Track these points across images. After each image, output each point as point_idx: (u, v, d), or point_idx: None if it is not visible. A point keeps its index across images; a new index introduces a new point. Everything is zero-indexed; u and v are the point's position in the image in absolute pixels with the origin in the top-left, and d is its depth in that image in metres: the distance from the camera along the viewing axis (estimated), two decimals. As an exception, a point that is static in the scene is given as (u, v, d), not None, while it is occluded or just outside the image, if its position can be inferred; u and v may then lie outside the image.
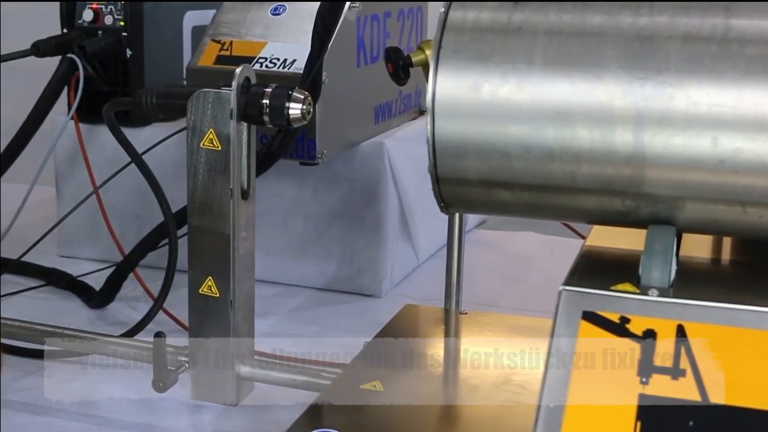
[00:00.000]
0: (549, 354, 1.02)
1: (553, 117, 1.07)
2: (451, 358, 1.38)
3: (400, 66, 1.47)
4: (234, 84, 1.32)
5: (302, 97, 1.33)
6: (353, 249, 2.10)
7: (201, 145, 1.34)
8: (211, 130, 1.33)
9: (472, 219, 2.65)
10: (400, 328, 1.46)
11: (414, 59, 1.47)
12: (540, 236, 2.57)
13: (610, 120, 1.06)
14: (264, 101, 1.32)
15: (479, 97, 1.09)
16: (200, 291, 1.39)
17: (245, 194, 1.37)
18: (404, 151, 2.11)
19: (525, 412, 1.20)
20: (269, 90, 1.33)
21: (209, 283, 1.38)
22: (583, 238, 2.18)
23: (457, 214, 1.58)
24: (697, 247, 1.21)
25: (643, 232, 1.22)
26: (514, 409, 1.21)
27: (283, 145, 1.76)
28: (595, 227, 1.25)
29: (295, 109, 1.33)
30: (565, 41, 1.08)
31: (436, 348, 1.43)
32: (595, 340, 1.02)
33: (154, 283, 1.95)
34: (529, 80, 1.08)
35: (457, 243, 1.57)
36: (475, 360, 1.35)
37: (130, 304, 2.02)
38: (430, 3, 2.30)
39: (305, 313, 2.06)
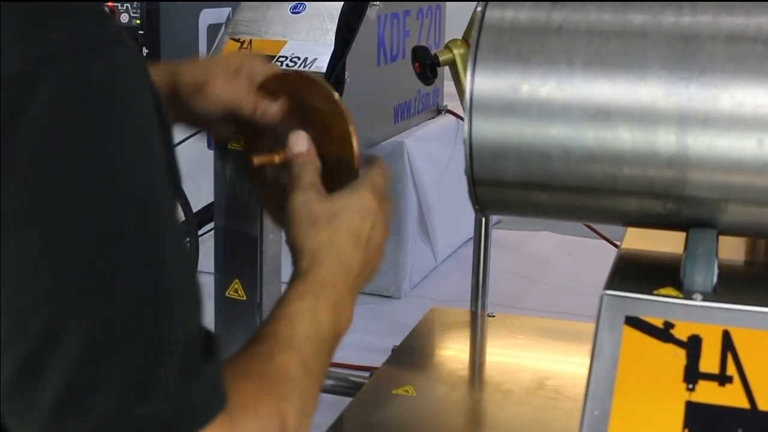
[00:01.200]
0: (592, 360, 1.00)
1: (594, 118, 1.05)
2: (483, 362, 1.36)
3: (427, 65, 1.45)
4: (263, 84, 1.29)
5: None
6: (372, 250, 2.08)
7: (229, 146, 1.32)
8: (240, 130, 1.31)
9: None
10: (427, 332, 1.44)
11: (441, 58, 1.45)
12: (557, 236, 2.56)
13: (653, 121, 1.04)
14: (292, 102, 1.29)
15: (518, 97, 1.07)
16: (227, 294, 1.36)
17: (273, 196, 1.35)
18: (423, 150, 2.09)
19: (562, 417, 1.18)
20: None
21: (236, 286, 1.36)
22: (604, 238, 2.17)
23: (483, 218, 1.55)
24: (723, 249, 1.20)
25: (679, 234, 1.21)
26: (551, 414, 1.19)
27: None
28: (630, 229, 1.23)
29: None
30: (607, 41, 1.06)
31: (466, 352, 1.41)
32: (639, 346, 1.00)
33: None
34: (569, 81, 1.06)
35: (483, 245, 1.55)
36: (507, 364, 1.33)
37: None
38: (447, 2, 2.28)
39: (324, 314, 2.04)
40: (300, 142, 1.03)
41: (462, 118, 2.33)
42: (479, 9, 1.12)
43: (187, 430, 0.70)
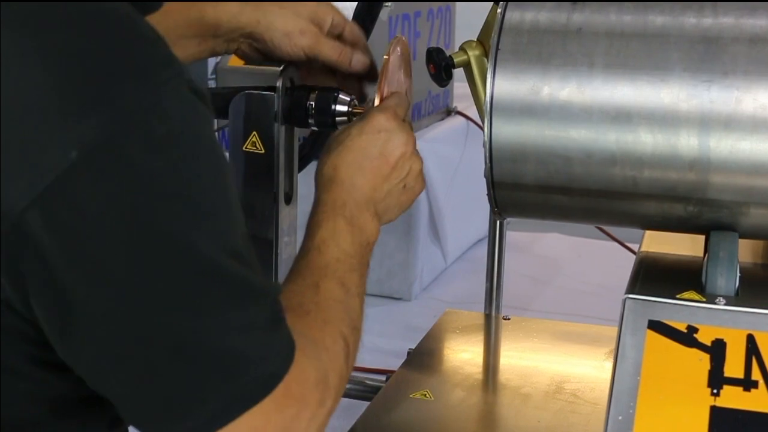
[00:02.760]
0: (615, 364, 0.99)
1: (615, 120, 1.05)
2: (500, 365, 1.35)
3: (442, 67, 1.43)
4: (278, 85, 1.28)
5: (348, 99, 1.30)
6: (383, 252, 2.08)
7: (244, 148, 1.31)
8: (254, 133, 1.30)
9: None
10: (443, 335, 1.44)
11: (456, 60, 1.43)
12: (566, 237, 2.55)
13: (675, 124, 1.03)
14: (310, 103, 1.29)
15: (539, 100, 1.07)
16: (242, 297, 1.35)
17: (288, 198, 1.34)
18: (434, 152, 2.09)
19: (581, 422, 1.18)
20: (315, 92, 1.29)
21: (251, 289, 1.35)
22: (615, 239, 2.17)
23: (498, 220, 1.54)
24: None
25: (697, 237, 1.20)
26: (570, 418, 1.18)
27: (317, 146, 1.73)
28: (648, 232, 1.22)
29: (341, 111, 1.30)
30: (627, 43, 1.05)
31: (483, 355, 1.40)
32: (662, 350, 0.99)
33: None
34: (590, 83, 1.05)
35: (497, 247, 1.54)
36: (524, 367, 1.32)
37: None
38: (457, 2, 2.28)
39: (335, 316, 2.03)
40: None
41: (472, 120, 2.33)
42: (499, 11, 1.11)
43: (279, 379, 0.77)
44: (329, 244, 0.98)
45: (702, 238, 1.11)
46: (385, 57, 1.21)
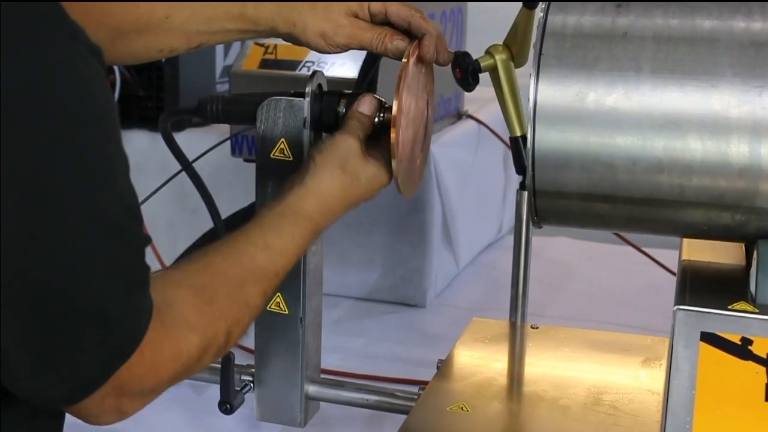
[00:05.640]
0: (669, 377, 0.97)
1: (663, 127, 1.02)
2: (535, 376, 1.32)
3: (469, 71, 1.40)
4: (307, 91, 1.25)
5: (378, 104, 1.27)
6: (397, 258, 2.05)
7: (271, 155, 1.28)
8: (283, 139, 1.27)
9: (504, 225, 2.60)
10: (472, 345, 1.41)
11: (482, 64, 1.41)
12: (575, 242, 2.53)
13: (725, 130, 1.01)
14: (340, 109, 1.26)
15: (584, 106, 1.04)
16: (269, 308, 1.32)
17: (316, 206, 1.31)
18: (448, 156, 2.06)
19: (624, 435, 1.15)
20: (345, 98, 1.26)
21: (278, 300, 1.32)
22: (631, 245, 2.14)
23: (524, 226, 1.52)
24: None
25: (735, 245, 1.18)
26: (613, 431, 1.15)
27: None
28: (686, 240, 1.20)
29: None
30: (676, 47, 1.03)
31: (516, 366, 1.38)
32: (717, 363, 0.96)
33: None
34: (637, 89, 1.03)
35: (523, 255, 1.51)
36: (560, 378, 1.30)
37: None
38: (469, 3, 2.25)
39: (350, 324, 2.00)
40: (367, 105, 1.19)
41: (483, 123, 2.30)
42: (541, 14, 1.09)
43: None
44: (284, 255, 1.01)
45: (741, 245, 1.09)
46: (403, 61, 1.18)
